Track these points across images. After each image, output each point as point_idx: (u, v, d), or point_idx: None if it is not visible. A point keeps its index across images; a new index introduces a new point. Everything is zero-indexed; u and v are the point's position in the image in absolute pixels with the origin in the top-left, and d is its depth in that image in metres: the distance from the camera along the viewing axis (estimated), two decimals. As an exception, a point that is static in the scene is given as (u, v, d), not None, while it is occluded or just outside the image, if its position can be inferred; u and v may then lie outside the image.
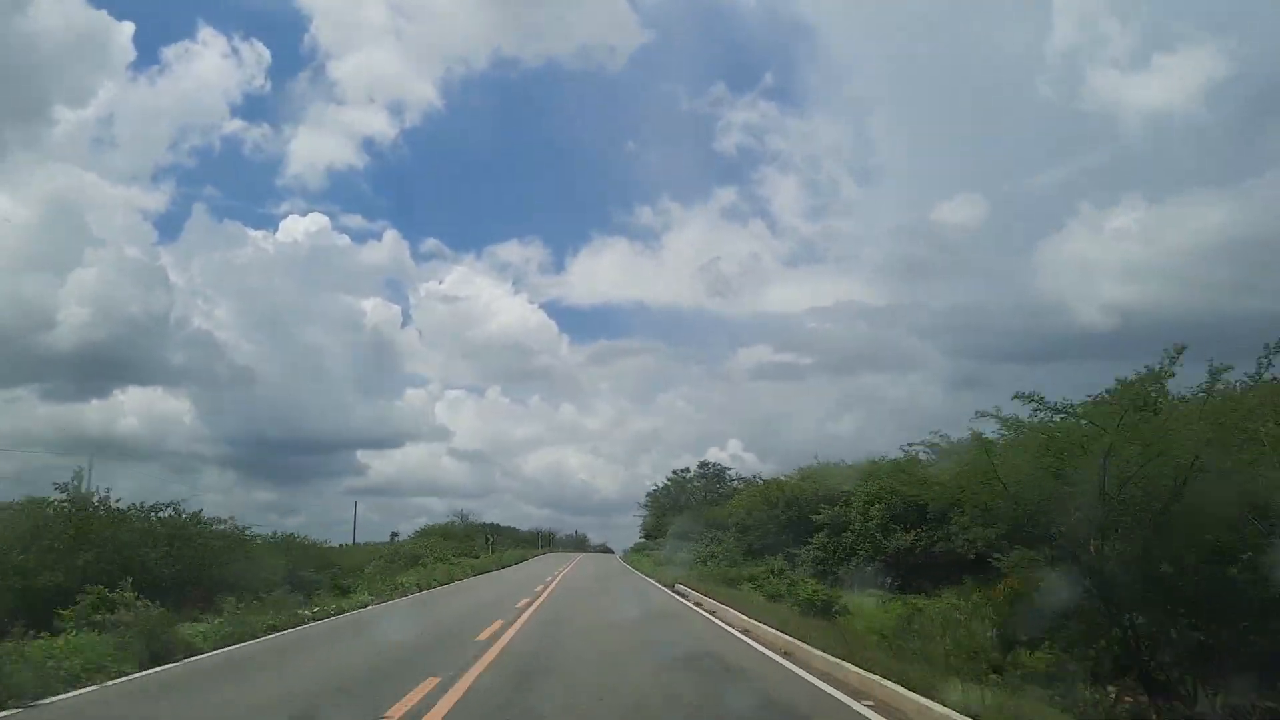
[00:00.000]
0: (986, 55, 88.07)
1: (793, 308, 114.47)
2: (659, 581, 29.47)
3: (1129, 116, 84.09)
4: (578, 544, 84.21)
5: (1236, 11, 75.79)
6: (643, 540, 65.57)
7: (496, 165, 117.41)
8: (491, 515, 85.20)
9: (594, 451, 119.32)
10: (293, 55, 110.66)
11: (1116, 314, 76.96)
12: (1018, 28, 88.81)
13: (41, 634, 10.27)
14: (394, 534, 62.75)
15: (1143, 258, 77.84)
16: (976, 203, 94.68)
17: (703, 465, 65.71)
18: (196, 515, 18.25)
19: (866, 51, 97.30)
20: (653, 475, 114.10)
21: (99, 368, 73.44)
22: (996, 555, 13.49)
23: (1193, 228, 75.03)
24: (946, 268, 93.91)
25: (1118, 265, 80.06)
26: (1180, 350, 9.96)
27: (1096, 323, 77.05)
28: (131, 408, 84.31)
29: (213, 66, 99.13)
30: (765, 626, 13.57)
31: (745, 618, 15.04)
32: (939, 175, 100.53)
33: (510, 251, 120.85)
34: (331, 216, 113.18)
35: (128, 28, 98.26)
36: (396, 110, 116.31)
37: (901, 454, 21.93)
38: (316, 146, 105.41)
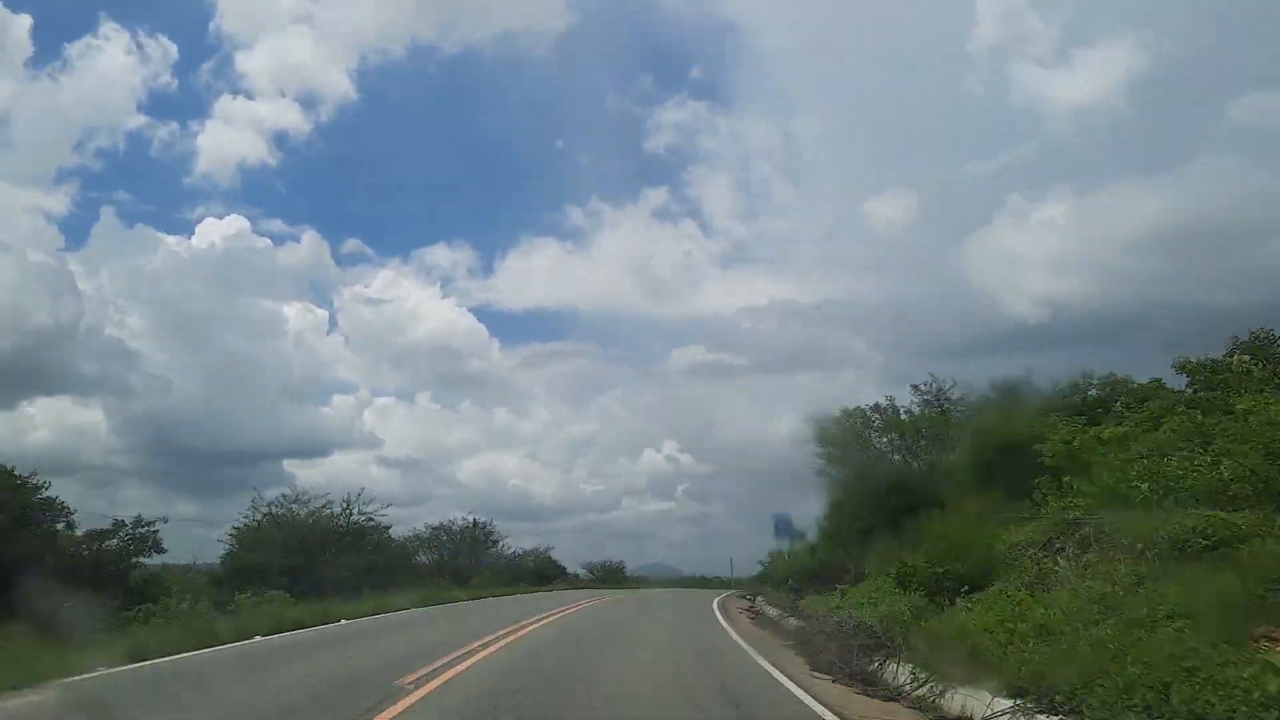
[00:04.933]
0: (913, 51, 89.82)
1: (726, 308, 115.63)
2: None
3: (1054, 110, 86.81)
4: (608, 576, 64.86)
5: (1153, 6, 77.46)
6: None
7: (420, 164, 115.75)
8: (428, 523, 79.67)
9: (530, 456, 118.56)
10: (199, 47, 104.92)
11: (1046, 306, 76.80)
12: (942, 23, 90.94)
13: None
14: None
15: (1071, 249, 77.03)
16: (907, 198, 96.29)
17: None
18: None
19: (793, 48, 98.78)
20: (587, 479, 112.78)
21: (3, 379, 66.80)
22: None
23: (1119, 219, 75.09)
24: (878, 263, 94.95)
25: (1046, 257, 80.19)
26: None
27: (1027, 315, 76.87)
28: (42, 420, 78.94)
29: (116, 62, 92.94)
30: None
31: None
32: (869, 171, 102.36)
33: (438, 254, 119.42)
34: (251, 219, 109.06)
35: (25, 21, 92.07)
36: (309, 103, 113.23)
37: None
38: (227, 143, 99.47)
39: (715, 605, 25.78)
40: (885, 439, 24.54)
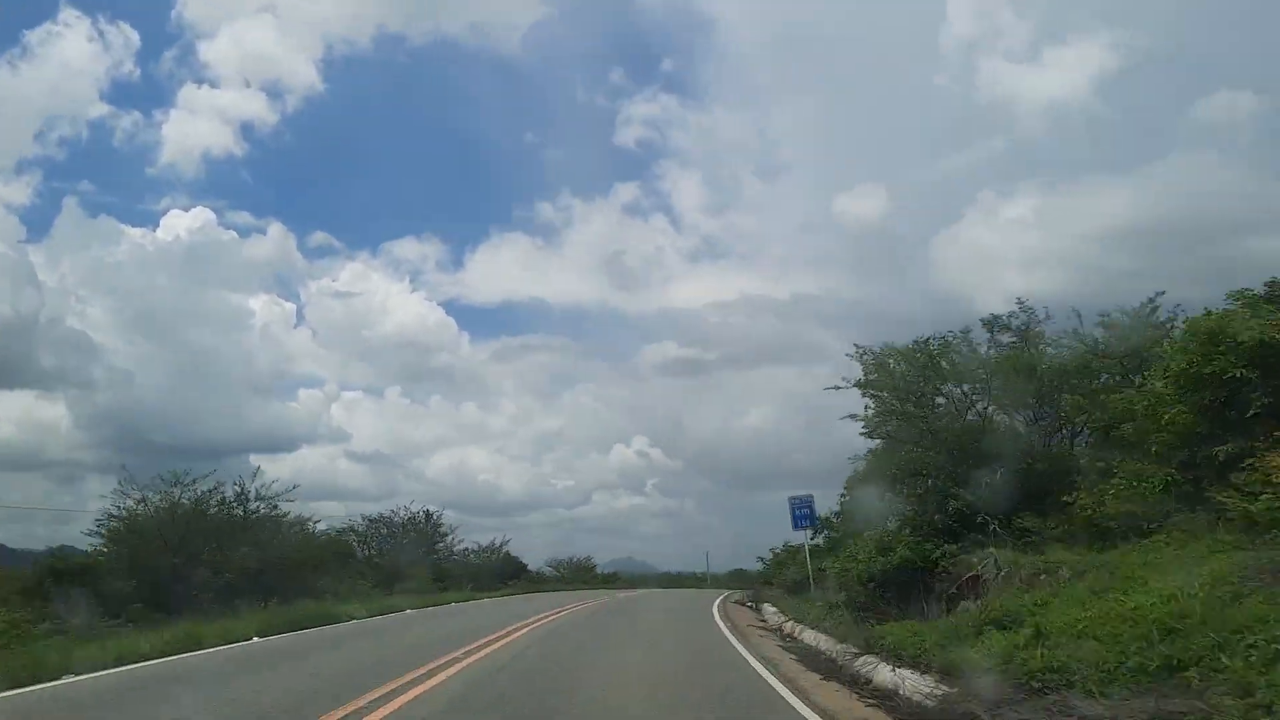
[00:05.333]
0: (885, 47, 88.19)
1: (697, 303, 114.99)
2: None
3: (1025, 106, 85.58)
4: (575, 574, 60.14)
5: (1126, 5, 76.97)
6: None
7: (389, 156, 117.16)
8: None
9: (499, 451, 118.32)
10: (161, 35, 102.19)
11: (1015, 302, 75.05)
12: (914, 19, 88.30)
13: None
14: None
15: (1041, 245, 78.48)
16: (878, 194, 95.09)
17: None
18: None
19: (764, 43, 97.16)
20: (557, 474, 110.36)
21: (-40, 371, 65.26)
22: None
23: (1090, 215, 76.31)
24: (849, 259, 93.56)
25: (1017, 253, 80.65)
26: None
27: (996, 311, 74.84)
28: (4, 414, 75.41)
29: (78, 50, 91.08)
30: None
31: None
32: (840, 167, 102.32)
33: (407, 247, 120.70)
34: (217, 211, 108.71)
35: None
36: (275, 93, 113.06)
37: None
38: (191, 133, 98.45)
39: (726, 628, 18.46)
40: (963, 388, 17.19)
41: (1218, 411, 10.85)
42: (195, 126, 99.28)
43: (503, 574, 46.97)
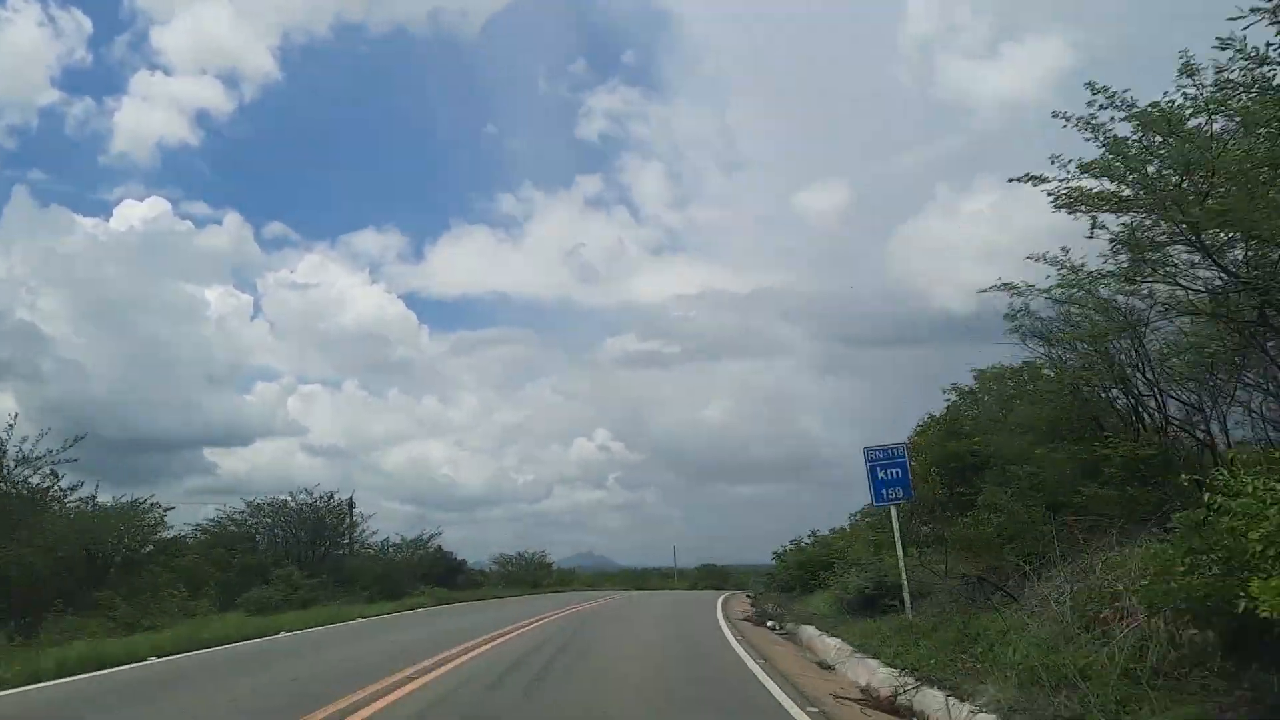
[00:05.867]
0: (845, 43, 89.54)
1: (659, 296, 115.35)
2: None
3: (982, 103, 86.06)
4: (526, 573, 48.40)
5: (1080, 3, 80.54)
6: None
7: (348, 147, 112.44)
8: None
9: (459, 445, 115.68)
10: (113, 21, 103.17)
11: (974, 296, 75.85)
12: (874, 16, 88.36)
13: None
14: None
15: (998, 240, 77.75)
16: (838, 188, 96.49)
17: None
18: None
19: (726, 38, 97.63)
20: (518, 468, 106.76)
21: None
22: None
23: (1046, 211, 74.18)
24: (810, 253, 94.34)
25: (974, 247, 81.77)
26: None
27: (955, 305, 77.17)
28: None
29: (28, 36, 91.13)
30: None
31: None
32: (801, 161, 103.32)
33: (366, 239, 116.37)
34: (172, 201, 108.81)
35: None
36: (232, 82, 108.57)
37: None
38: (145, 121, 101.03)
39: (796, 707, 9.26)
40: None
41: None
42: (149, 114, 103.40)
43: (431, 575, 37.16)
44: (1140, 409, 12.46)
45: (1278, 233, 7.21)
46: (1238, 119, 7.32)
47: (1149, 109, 7.76)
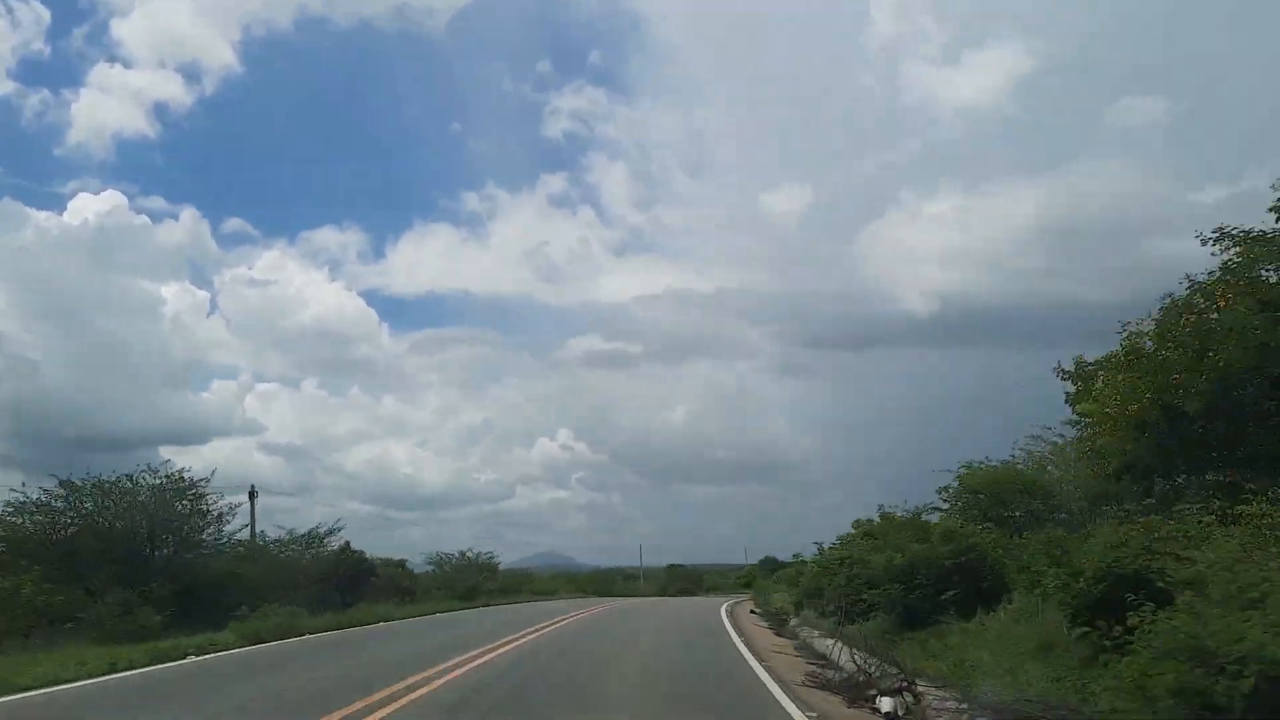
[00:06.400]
0: (811, 47, 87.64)
1: (623, 296, 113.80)
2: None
3: (944, 108, 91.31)
4: (463, 576, 40.94)
5: (1041, 12, 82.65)
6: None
7: (309, 142, 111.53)
8: (315, 515, 74.21)
9: (421, 444, 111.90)
10: (72, 12, 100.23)
11: (936, 299, 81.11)
12: (838, 21, 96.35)
13: None
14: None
15: (960, 244, 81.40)
16: (802, 191, 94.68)
17: None
18: None
19: (692, 40, 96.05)
20: (480, 468, 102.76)
21: None
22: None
23: (1005, 215, 78.81)
24: (774, 255, 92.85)
25: (936, 251, 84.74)
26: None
27: (917, 308, 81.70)
28: None
29: None
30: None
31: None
32: (766, 164, 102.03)
33: (326, 236, 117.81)
34: (128, 196, 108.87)
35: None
36: (191, 75, 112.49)
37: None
38: (102, 114, 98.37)
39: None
40: None
41: None
42: (107, 107, 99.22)
43: (328, 578, 28.49)
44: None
45: None
46: None
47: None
